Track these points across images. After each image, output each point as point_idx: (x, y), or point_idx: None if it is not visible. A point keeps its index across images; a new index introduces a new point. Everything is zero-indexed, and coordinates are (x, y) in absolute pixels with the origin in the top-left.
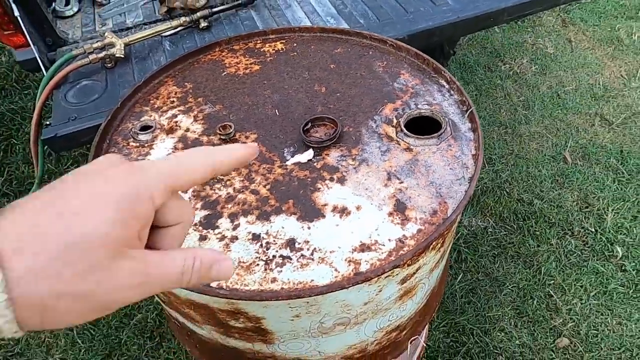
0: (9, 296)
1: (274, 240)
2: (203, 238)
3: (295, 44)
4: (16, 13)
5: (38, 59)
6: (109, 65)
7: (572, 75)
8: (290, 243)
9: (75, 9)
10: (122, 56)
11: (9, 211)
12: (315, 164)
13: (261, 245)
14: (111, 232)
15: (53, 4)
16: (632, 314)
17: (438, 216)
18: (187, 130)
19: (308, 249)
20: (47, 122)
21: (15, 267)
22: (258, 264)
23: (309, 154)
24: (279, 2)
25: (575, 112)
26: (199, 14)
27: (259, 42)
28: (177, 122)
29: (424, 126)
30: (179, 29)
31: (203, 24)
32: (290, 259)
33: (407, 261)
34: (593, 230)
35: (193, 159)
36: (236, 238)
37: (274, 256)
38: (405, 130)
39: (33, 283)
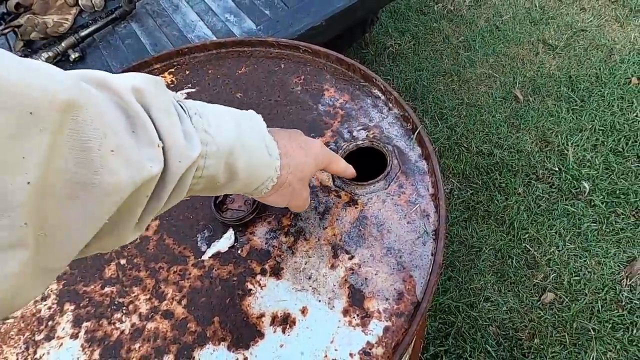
0: (279, 173)
1: None
2: None
3: (188, 72)
4: None
5: None
6: None
7: (507, 1)
8: None
9: None
10: None
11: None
12: (239, 250)
13: None
14: (312, 169)
15: None
16: (609, 249)
17: (405, 300)
18: None
19: None
20: None
21: (283, 166)
22: None
23: (229, 239)
24: (163, 5)
25: (518, 43)
26: (64, 43)
27: None
28: None
29: (364, 159)
30: None
31: (74, 55)
32: None
33: None
34: (557, 169)
35: (341, 164)
36: None
37: None
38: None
39: (286, 173)
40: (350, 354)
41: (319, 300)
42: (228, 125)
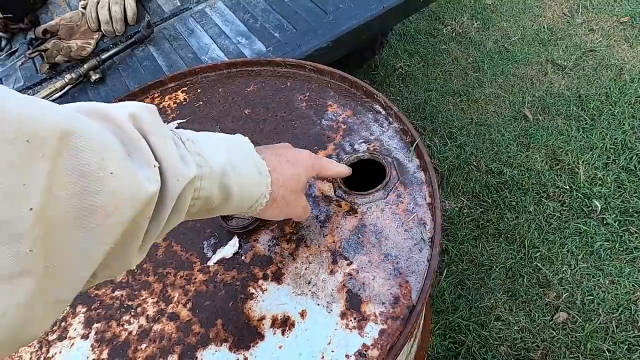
0: (270, 189)
1: None
2: None
3: (199, 90)
4: None
5: None
6: None
7: (515, 24)
8: None
9: None
10: None
11: (264, 155)
12: (243, 257)
13: None
14: (303, 180)
15: None
16: (623, 268)
17: (401, 305)
18: None
19: None
20: None
21: (274, 182)
22: None
23: (233, 245)
24: (179, 29)
25: (526, 64)
26: (86, 66)
27: (156, 95)
28: None
29: (364, 170)
30: (67, 88)
31: (94, 76)
32: None
33: None
34: (568, 187)
35: (332, 167)
36: None
37: None
38: (344, 187)
39: (277, 188)
40: (347, 356)
41: (318, 304)
42: (219, 148)
